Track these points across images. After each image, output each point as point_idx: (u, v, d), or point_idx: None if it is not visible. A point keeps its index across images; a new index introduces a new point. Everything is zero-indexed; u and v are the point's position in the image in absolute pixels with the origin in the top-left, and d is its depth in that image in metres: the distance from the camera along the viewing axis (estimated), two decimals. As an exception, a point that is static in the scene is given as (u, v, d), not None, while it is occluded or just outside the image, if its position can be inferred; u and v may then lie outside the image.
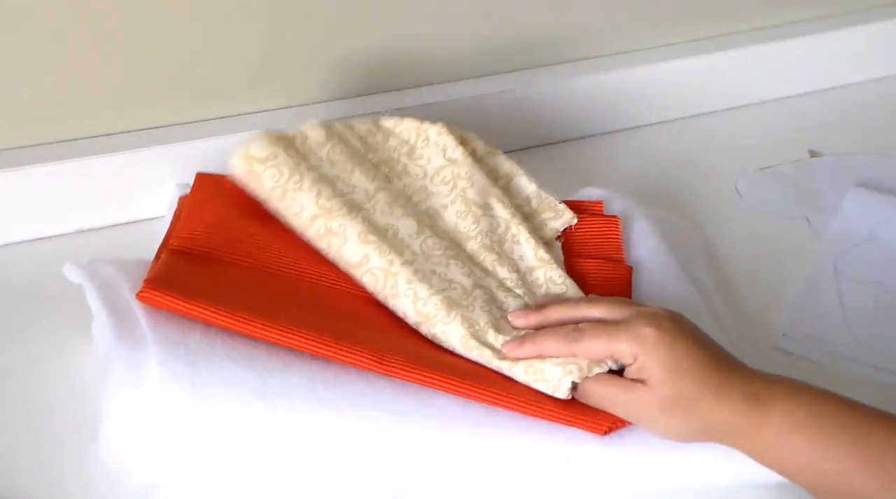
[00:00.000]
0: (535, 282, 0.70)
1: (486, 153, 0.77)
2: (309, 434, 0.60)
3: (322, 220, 0.68)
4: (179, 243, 0.67)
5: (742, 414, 0.57)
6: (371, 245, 0.67)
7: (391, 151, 0.75)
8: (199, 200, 0.71)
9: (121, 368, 0.59)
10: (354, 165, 0.72)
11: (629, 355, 0.59)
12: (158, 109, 0.81)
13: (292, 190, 0.68)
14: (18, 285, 0.75)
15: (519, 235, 0.72)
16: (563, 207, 0.76)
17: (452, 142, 0.74)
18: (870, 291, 0.81)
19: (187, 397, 0.58)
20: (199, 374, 0.59)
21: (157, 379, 0.58)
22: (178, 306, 0.60)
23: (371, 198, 0.70)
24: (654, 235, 0.78)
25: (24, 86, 0.75)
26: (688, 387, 0.58)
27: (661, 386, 0.58)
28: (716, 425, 0.58)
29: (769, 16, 1.03)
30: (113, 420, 0.59)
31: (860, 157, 0.97)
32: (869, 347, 0.76)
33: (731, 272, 0.81)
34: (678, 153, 0.96)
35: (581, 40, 0.95)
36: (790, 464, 0.57)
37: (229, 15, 0.78)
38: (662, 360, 0.58)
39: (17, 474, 0.62)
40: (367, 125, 0.75)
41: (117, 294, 0.63)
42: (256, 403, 0.59)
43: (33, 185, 0.76)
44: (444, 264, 0.68)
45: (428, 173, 0.74)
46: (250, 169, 0.69)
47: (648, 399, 0.59)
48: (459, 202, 0.72)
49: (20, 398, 0.66)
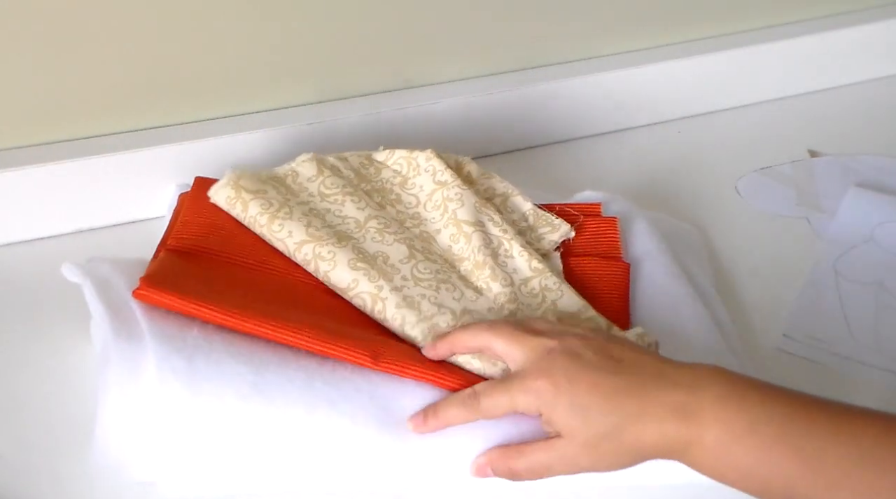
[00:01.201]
0: (531, 292, 0.70)
1: (480, 175, 0.78)
2: (306, 430, 0.60)
3: (311, 246, 0.68)
4: (176, 243, 0.68)
5: (672, 432, 0.56)
6: (360, 271, 0.67)
7: (384, 183, 0.76)
8: (196, 203, 0.71)
9: (118, 363, 0.59)
10: (345, 195, 0.73)
11: (532, 410, 0.58)
12: (158, 109, 0.81)
13: (281, 218, 0.69)
14: (18, 285, 0.75)
15: (512, 250, 0.72)
16: (560, 221, 0.76)
17: (441, 165, 0.75)
18: (870, 291, 0.81)
19: (185, 392, 0.58)
20: (196, 368, 0.59)
21: (155, 373, 0.58)
22: (174, 303, 0.61)
23: (362, 227, 0.71)
24: (654, 235, 0.78)
25: (24, 86, 0.75)
26: (602, 422, 0.56)
27: (575, 433, 0.57)
28: (649, 448, 0.57)
29: (769, 16, 1.03)
30: (110, 416, 0.58)
31: (860, 157, 0.97)
32: (869, 348, 0.76)
33: (731, 273, 0.81)
34: (678, 153, 0.96)
35: (579, 41, 0.95)
36: (731, 474, 0.56)
37: (229, 15, 0.78)
38: (564, 408, 0.57)
39: (17, 474, 0.62)
40: (361, 159, 0.76)
41: (115, 292, 0.63)
42: (254, 397, 0.59)
43: (33, 185, 0.76)
44: (434, 288, 0.68)
45: (421, 201, 0.75)
46: (237, 195, 0.70)
47: (573, 450, 0.57)
48: (451, 225, 0.73)
49: (19, 398, 0.66)
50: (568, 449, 0.58)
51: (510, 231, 0.73)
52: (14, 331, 0.71)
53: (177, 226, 0.69)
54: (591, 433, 0.57)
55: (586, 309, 0.69)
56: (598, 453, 0.57)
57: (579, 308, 0.69)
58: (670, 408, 0.56)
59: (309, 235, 0.69)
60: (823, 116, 1.03)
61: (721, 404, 0.56)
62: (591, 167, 0.92)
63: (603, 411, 0.57)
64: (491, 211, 0.74)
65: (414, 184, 0.76)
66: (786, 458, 0.54)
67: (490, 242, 0.72)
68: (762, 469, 0.54)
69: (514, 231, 0.73)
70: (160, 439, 0.59)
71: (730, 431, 0.55)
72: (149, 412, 0.58)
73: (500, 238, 0.73)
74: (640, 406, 0.56)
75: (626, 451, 0.57)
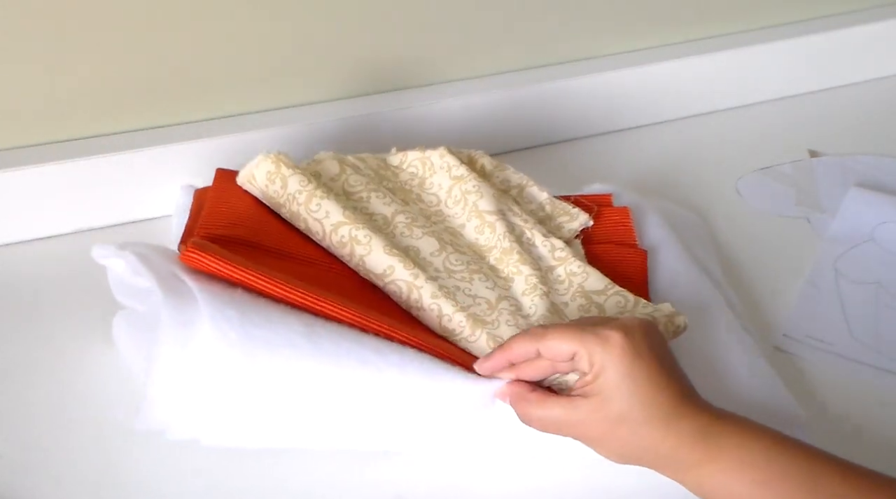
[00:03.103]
0: (557, 279, 0.71)
1: (494, 168, 0.78)
2: (358, 381, 0.59)
3: (348, 228, 0.68)
4: (206, 232, 0.67)
5: (687, 448, 0.56)
6: (396, 257, 0.67)
7: (403, 184, 0.76)
8: (220, 194, 0.71)
9: (170, 320, 0.59)
10: (370, 192, 0.72)
11: (587, 360, 0.57)
12: (158, 109, 0.81)
13: (319, 196, 0.69)
14: (18, 285, 0.75)
15: (534, 239, 0.73)
16: (578, 211, 0.76)
17: (455, 161, 0.76)
18: (870, 291, 0.81)
19: (238, 341, 0.58)
20: (249, 319, 0.59)
21: (209, 324, 0.58)
22: (222, 266, 0.60)
23: (390, 223, 0.71)
24: (665, 225, 0.80)
25: (24, 86, 0.75)
26: (637, 406, 0.56)
27: (610, 401, 0.56)
28: (658, 452, 0.57)
29: (769, 16, 1.03)
30: (162, 375, 0.58)
31: (860, 157, 0.97)
32: (869, 347, 0.76)
33: (731, 272, 0.81)
34: (678, 153, 0.96)
35: (581, 41, 0.95)
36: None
37: (230, 14, 0.78)
38: (622, 371, 0.56)
39: (17, 474, 0.62)
40: (377, 161, 0.76)
41: (155, 264, 0.62)
42: (306, 346, 0.59)
43: (33, 185, 0.76)
44: (467, 280, 0.68)
45: (441, 199, 0.75)
46: (277, 170, 0.69)
47: (594, 417, 0.57)
48: (474, 217, 0.73)
49: (19, 398, 0.66)
50: (590, 415, 0.57)
51: (530, 221, 0.73)
52: (14, 331, 0.71)
53: (203, 216, 0.69)
54: (620, 412, 0.56)
55: (612, 286, 0.70)
56: (613, 432, 0.57)
57: (605, 286, 0.70)
58: (694, 426, 0.56)
59: (346, 218, 0.68)
60: (823, 116, 1.03)
61: (743, 433, 0.56)
62: (592, 167, 0.92)
63: (642, 400, 0.56)
64: (509, 202, 0.75)
65: (432, 183, 0.76)
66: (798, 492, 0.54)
67: (513, 229, 0.73)
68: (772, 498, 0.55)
69: (533, 221, 0.74)
70: (213, 391, 0.58)
71: (748, 455, 0.55)
72: (203, 366, 0.58)
73: (521, 227, 0.73)
74: (672, 412, 0.56)
75: (636, 443, 0.57)
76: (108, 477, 0.61)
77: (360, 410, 0.60)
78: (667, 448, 0.56)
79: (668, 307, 0.67)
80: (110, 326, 0.67)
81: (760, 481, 0.55)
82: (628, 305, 0.69)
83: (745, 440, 0.56)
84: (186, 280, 0.60)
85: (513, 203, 0.75)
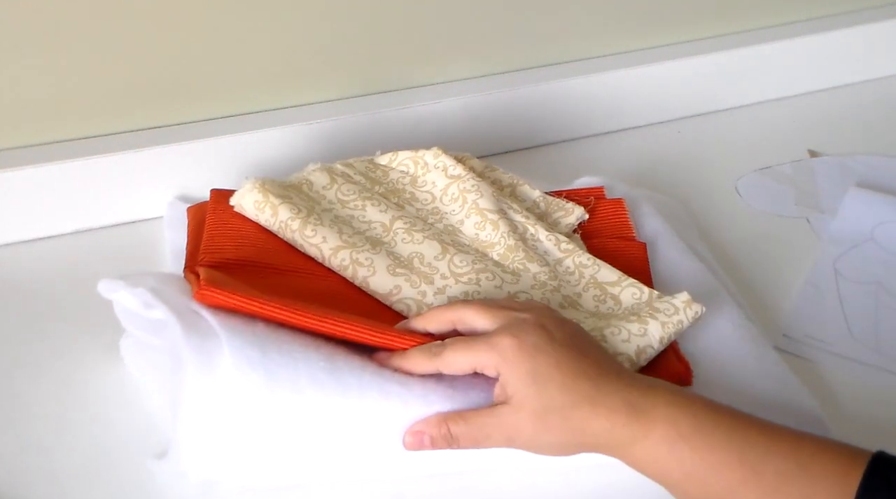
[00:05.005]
0: (567, 270, 0.71)
1: (484, 169, 0.78)
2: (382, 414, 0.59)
3: (347, 251, 0.68)
4: (213, 259, 0.66)
5: (620, 425, 0.56)
6: (401, 277, 0.67)
7: (394, 184, 0.76)
8: (218, 215, 0.71)
9: (192, 358, 0.58)
10: (364, 200, 0.72)
11: (491, 368, 0.58)
12: (158, 109, 0.81)
13: (313, 223, 0.69)
14: (18, 285, 0.75)
15: (538, 234, 0.73)
16: (573, 205, 0.77)
17: (451, 161, 0.76)
18: (870, 291, 0.81)
19: (261, 381, 0.57)
20: (271, 358, 0.58)
21: (231, 365, 0.57)
22: (238, 302, 0.59)
23: (389, 230, 0.71)
24: (658, 215, 0.80)
25: (24, 86, 0.75)
26: (555, 396, 0.56)
27: (526, 399, 0.57)
28: (594, 436, 0.57)
29: (769, 16, 1.03)
30: (190, 417, 0.58)
31: (860, 157, 0.97)
32: (869, 347, 0.76)
33: (730, 272, 0.81)
34: (678, 153, 0.96)
35: (579, 40, 0.95)
36: (672, 475, 0.56)
37: (230, 14, 0.78)
38: (523, 371, 0.57)
39: (17, 474, 0.62)
40: (365, 163, 0.76)
41: (170, 298, 0.61)
42: (329, 383, 0.58)
43: (33, 185, 0.76)
44: (474, 281, 0.68)
45: (436, 196, 0.75)
46: (266, 199, 0.69)
47: (518, 417, 0.57)
48: (474, 214, 0.73)
49: (19, 398, 0.66)
50: (512, 417, 0.57)
51: (531, 217, 0.74)
52: (14, 331, 0.71)
53: (206, 239, 0.68)
54: (542, 405, 0.57)
55: (625, 278, 0.70)
56: (543, 425, 0.57)
57: (618, 277, 0.70)
58: (623, 401, 0.57)
59: (343, 242, 0.68)
60: (823, 116, 1.03)
61: (671, 406, 0.57)
62: (591, 167, 0.92)
63: (559, 387, 0.57)
64: (508, 200, 0.75)
65: (425, 181, 0.76)
66: (728, 462, 0.55)
67: (516, 227, 0.73)
68: (704, 471, 0.55)
69: (534, 217, 0.74)
70: (238, 433, 0.58)
71: (678, 430, 0.56)
72: (228, 409, 0.57)
73: (523, 224, 0.73)
74: (595, 392, 0.57)
75: (570, 429, 0.57)
76: (108, 477, 0.61)
77: (384, 442, 0.60)
78: (600, 428, 0.57)
79: (685, 296, 0.67)
80: (110, 327, 0.67)
81: (690, 455, 0.55)
82: (643, 297, 0.69)
83: (672, 412, 0.56)
84: (205, 315, 0.60)
85: (512, 201, 0.75)
